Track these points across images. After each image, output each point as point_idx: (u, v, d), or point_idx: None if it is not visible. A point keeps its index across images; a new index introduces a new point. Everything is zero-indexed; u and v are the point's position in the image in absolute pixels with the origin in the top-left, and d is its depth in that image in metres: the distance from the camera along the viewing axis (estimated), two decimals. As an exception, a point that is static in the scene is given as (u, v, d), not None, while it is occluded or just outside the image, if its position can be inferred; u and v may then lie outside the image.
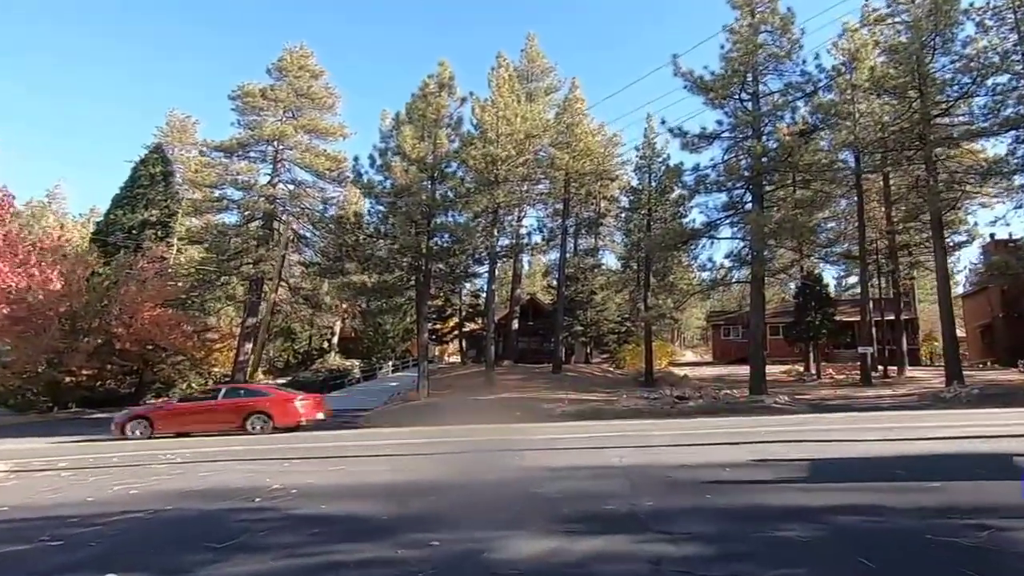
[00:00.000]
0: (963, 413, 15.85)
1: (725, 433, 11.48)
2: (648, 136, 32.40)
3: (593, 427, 15.40)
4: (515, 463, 8.51)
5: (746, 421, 14.96)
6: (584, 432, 13.54)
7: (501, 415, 20.75)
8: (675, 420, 17.01)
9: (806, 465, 7.06)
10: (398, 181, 25.40)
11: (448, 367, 37.14)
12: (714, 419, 16.57)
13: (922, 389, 24.86)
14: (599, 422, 17.04)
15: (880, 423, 12.84)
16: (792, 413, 18.92)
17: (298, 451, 11.40)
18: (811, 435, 10.43)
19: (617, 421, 17.09)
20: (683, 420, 16.88)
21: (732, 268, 24.60)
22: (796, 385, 28.76)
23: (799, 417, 16.69)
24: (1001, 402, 19.78)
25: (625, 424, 15.94)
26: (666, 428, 13.57)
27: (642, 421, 16.87)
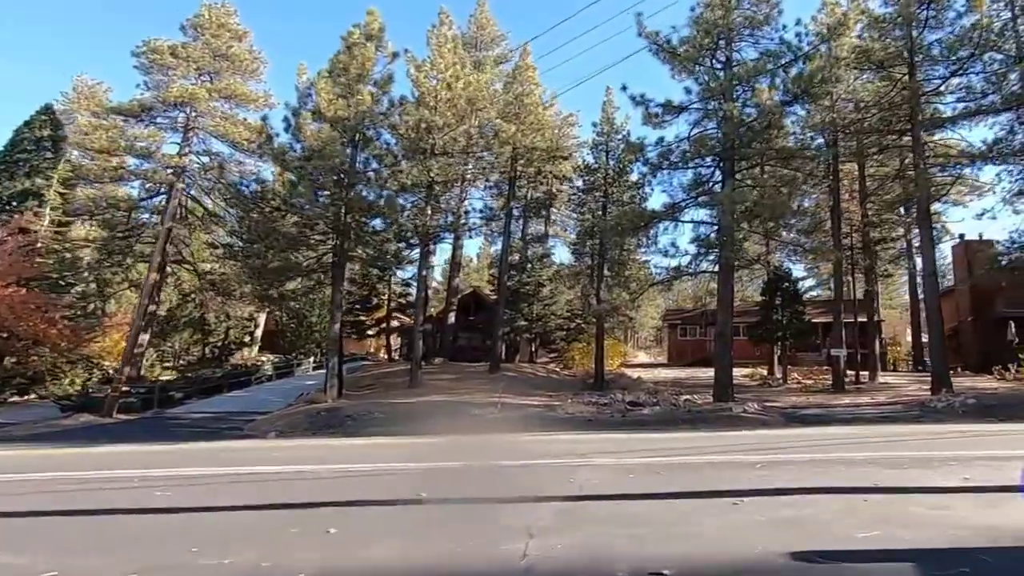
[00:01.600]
0: (983, 430, 12.71)
1: (704, 467, 7.86)
2: (607, 111, 29.02)
3: (520, 446, 11.68)
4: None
5: (719, 440, 11.47)
6: (505, 454, 9.80)
7: (417, 423, 16.97)
8: (627, 434, 13.44)
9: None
10: (310, 144, 21.23)
11: (375, 364, 32.91)
12: (677, 434, 13.05)
13: (903, 397, 22.06)
14: (531, 435, 13.34)
15: (905, 448, 9.43)
16: (767, 426, 15.67)
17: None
18: (829, 471, 6.91)
19: (552, 437, 13.40)
20: (637, 434, 13.32)
21: (698, 255, 21.21)
22: (761, 390, 25.80)
23: (780, 433, 13.33)
24: (1005, 414, 16.94)
25: (563, 441, 12.26)
26: (616, 449, 9.95)
27: (585, 436, 13.24)
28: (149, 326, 31.51)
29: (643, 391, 23.41)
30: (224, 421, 20.08)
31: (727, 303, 21.44)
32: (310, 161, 20.63)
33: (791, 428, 14.48)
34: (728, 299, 21.51)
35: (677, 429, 14.70)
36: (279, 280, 22.37)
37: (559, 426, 16.34)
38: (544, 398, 22.25)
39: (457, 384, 24.21)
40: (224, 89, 34.63)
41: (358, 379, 27.16)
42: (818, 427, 14.61)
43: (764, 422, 16.75)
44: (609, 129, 28.40)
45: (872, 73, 24.01)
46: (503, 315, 29.04)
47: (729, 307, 21.65)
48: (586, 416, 17.91)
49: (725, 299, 21.32)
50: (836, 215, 23.64)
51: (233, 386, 28.71)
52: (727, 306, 21.51)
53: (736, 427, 15.26)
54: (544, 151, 28.47)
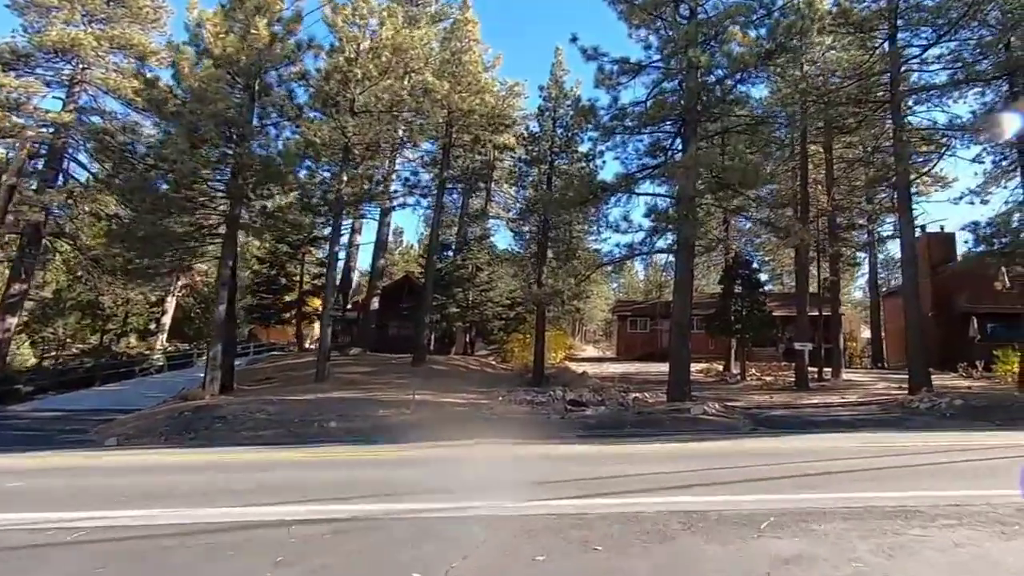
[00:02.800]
0: (999, 441, 10.11)
1: (672, 523, 4.71)
2: (555, 73, 25.88)
3: (403, 470, 8.48)
4: None
5: (682, 456, 8.51)
6: (374, 485, 6.59)
7: (303, 426, 13.59)
8: (562, 445, 10.36)
9: None
10: (192, 86, 17.38)
11: (285, 354, 28.92)
12: (626, 447, 10.03)
13: (876, 397, 19.76)
14: (437, 447, 10.14)
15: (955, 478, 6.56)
16: (734, 432, 12.90)
17: None
18: (890, 540, 3.84)
19: (457, 451, 10.24)
20: (575, 446, 10.26)
21: (654, 231, 18.28)
22: (718, 387, 23.22)
23: (756, 445, 10.49)
24: (1000, 418, 14.68)
25: (467, 461, 9.08)
26: (534, 476, 6.84)
27: (502, 447, 10.08)
28: (17, 308, 26.84)
29: (587, 388, 20.44)
30: (71, 422, 16.18)
31: (685, 287, 18.61)
32: (185, 105, 16.78)
33: (764, 437, 11.64)
34: (687, 283, 18.70)
35: (625, 436, 11.72)
36: (154, 251, 18.38)
37: (480, 431, 13.19)
38: (472, 395, 19.03)
39: (372, 378, 20.77)
40: (118, 38, 29.92)
41: (257, 371, 23.42)
42: (796, 435, 11.90)
43: (729, 427, 14.01)
44: (557, 93, 25.25)
45: (850, 39, 21.59)
46: (432, 300, 25.63)
47: (687, 292, 18.84)
48: (518, 417, 14.78)
49: (683, 283, 18.49)
50: (804, 195, 21.15)
51: (109, 378, 24.45)
52: (685, 291, 18.69)
53: (697, 433, 12.38)
54: (483, 117, 25.12)
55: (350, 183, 21.34)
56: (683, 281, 18.56)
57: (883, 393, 20.71)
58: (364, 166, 21.74)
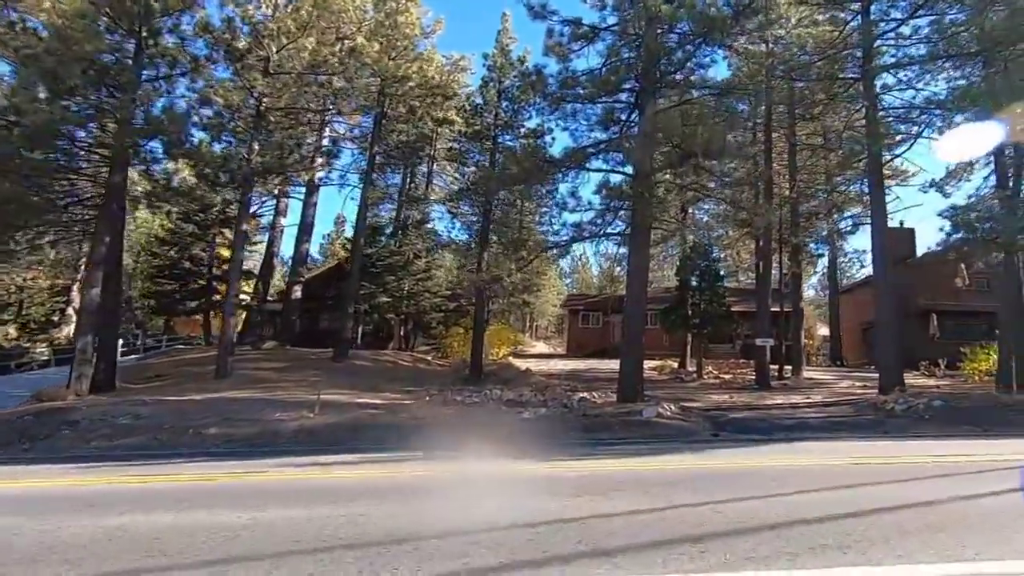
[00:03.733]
0: (992, 446, 8.36)
1: None
2: (501, 41, 23.61)
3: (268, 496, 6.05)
4: None
5: (634, 481, 6.32)
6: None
7: (176, 433, 11.07)
8: (477, 464, 8.13)
9: None
10: (52, 22, 14.47)
11: (190, 348, 25.75)
12: (560, 465, 7.81)
13: (843, 397, 18.18)
14: (314, 470, 7.83)
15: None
16: (693, 439, 10.95)
17: None
18: None
19: (343, 474, 7.95)
20: (496, 463, 8.03)
21: (606, 210, 16.20)
22: (674, 386, 21.38)
23: (724, 459, 8.47)
24: (984, 421, 13.14)
25: (338, 494, 6.80)
26: (403, 534, 4.54)
27: (407, 466, 7.85)
28: None
29: (529, 386, 18.34)
30: None
31: (640, 274, 16.63)
32: (42, 43, 13.88)
33: (731, 447, 9.66)
34: (642, 269, 16.73)
35: (566, 447, 9.52)
36: (8, 225, 15.35)
37: (390, 439, 10.91)
38: (396, 394, 16.69)
39: (283, 375, 18.18)
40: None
41: (151, 367, 20.48)
42: (767, 444, 10.04)
43: (687, 432, 12.07)
44: (503, 63, 22.97)
45: (820, 15, 19.99)
46: (359, 289, 23.01)
47: (642, 280, 16.88)
48: (439, 421, 12.49)
49: (638, 269, 16.49)
50: (767, 178, 19.48)
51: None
52: (640, 278, 16.71)
53: (651, 442, 10.38)
54: (420, 87, 22.64)
55: (261, 153, 18.61)
56: (638, 267, 16.57)
57: (849, 392, 19.19)
58: (282, 135, 19.03)
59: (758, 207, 16.40)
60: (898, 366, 17.14)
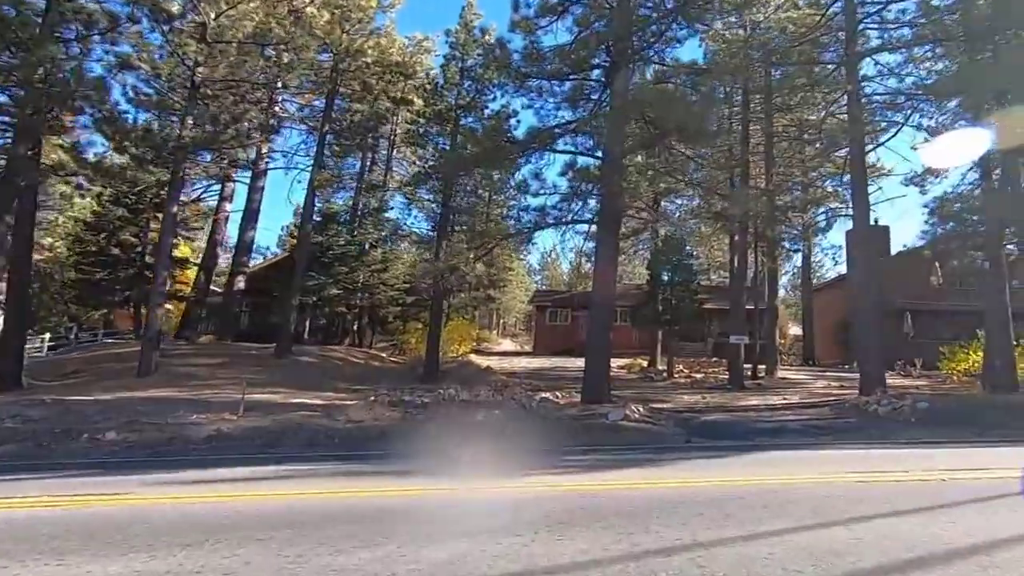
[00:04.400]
0: (1003, 457, 7.28)
1: None
2: (465, 16, 22.17)
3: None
4: None
5: (582, 504, 4.97)
6: None
7: (67, 439, 9.47)
8: (409, 481, 6.78)
9: None
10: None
11: (119, 342, 23.70)
12: (501, 487, 6.43)
13: (821, 397, 17.19)
14: (204, 491, 6.35)
15: None
16: (666, 447, 9.75)
17: None
18: None
19: (246, 492, 6.49)
20: (428, 483, 6.67)
21: (573, 195, 14.91)
22: (643, 385, 20.25)
23: (702, 475, 7.15)
24: (976, 424, 12.16)
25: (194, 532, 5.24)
26: None
27: (318, 493, 6.41)
28: None
29: (488, 386, 16.98)
30: None
31: (609, 265, 15.39)
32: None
33: (707, 456, 8.46)
34: (611, 260, 15.50)
35: (518, 457, 8.20)
36: None
37: (322, 446, 9.52)
38: (339, 394, 15.22)
39: (216, 372, 16.55)
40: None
41: (70, 362, 18.59)
42: (748, 452, 8.87)
43: (656, 437, 10.88)
44: (467, 39, 21.52)
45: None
46: (307, 280, 21.34)
47: (611, 271, 15.67)
48: (380, 425, 11.10)
49: (607, 260, 15.24)
50: (744, 163, 18.44)
51: None
52: (609, 270, 15.48)
53: (615, 450, 9.13)
54: (376, 64, 21.06)
55: (196, 127, 16.89)
56: (606, 257, 15.31)
57: (827, 393, 18.25)
58: (218, 109, 17.32)
59: (734, 193, 15.25)
60: (880, 366, 16.21)
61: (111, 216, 21.27)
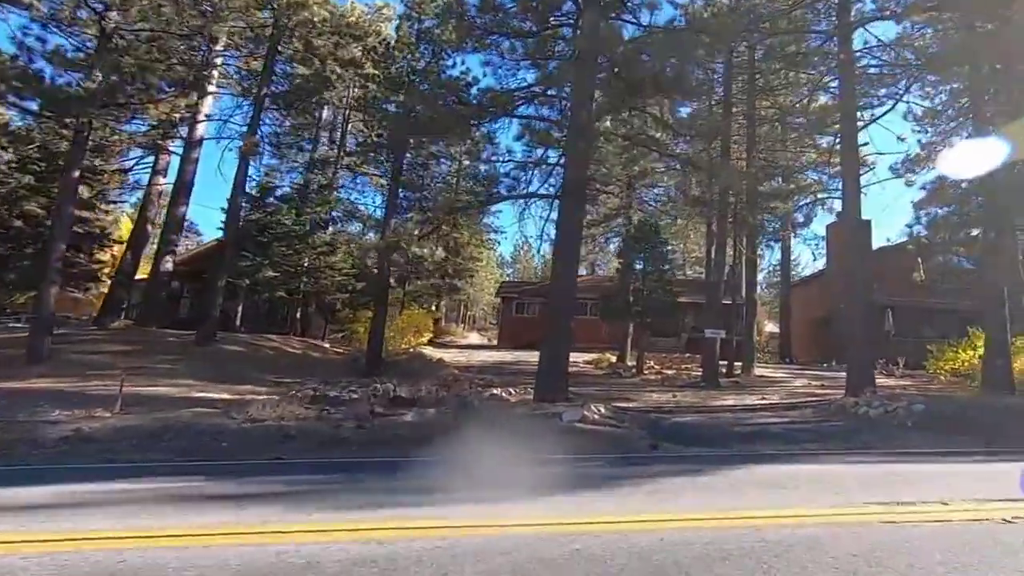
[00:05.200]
0: None
1: None
2: (422, -27, 20.09)
3: None
4: None
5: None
6: None
7: None
8: (267, 515, 4.85)
9: None
10: None
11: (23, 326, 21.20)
12: (383, 526, 4.49)
13: (799, 397, 15.75)
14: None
15: None
16: (626, 456, 8.02)
17: None
18: None
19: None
20: (287, 516, 4.75)
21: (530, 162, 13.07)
22: (610, 382, 18.58)
23: (664, 497, 5.33)
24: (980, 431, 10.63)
25: None
26: None
27: (143, 532, 4.42)
28: None
29: (436, 380, 15.11)
30: None
31: (571, 246, 13.62)
32: None
33: (676, 472, 6.75)
34: (573, 239, 13.71)
35: (437, 473, 6.36)
36: None
37: (199, 452, 7.64)
38: (262, 387, 13.22)
39: (117, 361, 14.45)
40: None
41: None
42: (726, 466, 7.21)
43: (616, 442, 9.27)
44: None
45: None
46: (239, 261, 19.19)
47: (573, 253, 13.90)
48: (286, 425, 9.19)
49: (569, 239, 13.45)
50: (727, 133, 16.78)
51: None
52: (571, 252, 13.71)
53: (567, 461, 7.33)
54: (323, 22, 18.97)
55: (96, 79, 14.64)
56: (568, 233, 13.52)
57: (807, 392, 16.75)
58: (134, 60, 15.13)
59: (716, 164, 13.55)
60: (869, 365, 14.70)
61: (14, 184, 18.93)
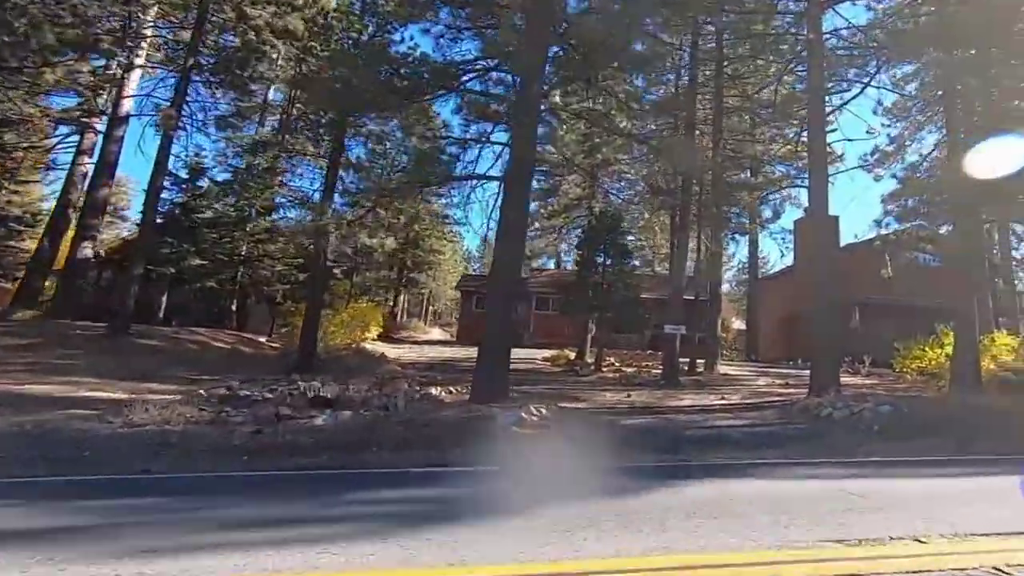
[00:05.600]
0: None
1: None
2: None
3: None
4: None
5: None
6: None
7: None
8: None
9: None
10: None
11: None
12: None
13: (765, 398, 14.91)
14: None
15: None
16: (549, 462, 6.81)
17: None
18: None
19: None
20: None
21: (469, 139, 11.88)
22: (564, 380, 17.52)
23: (558, 555, 4.13)
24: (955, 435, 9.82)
25: None
26: None
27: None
28: None
29: (374, 378, 13.88)
30: None
31: (516, 233, 12.54)
32: None
33: (602, 488, 5.57)
34: (517, 226, 12.62)
35: (321, 494, 5.19)
36: None
37: (45, 466, 6.35)
38: (171, 386, 11.85)
39: (10, 355, 12.90)
40: None
41: None
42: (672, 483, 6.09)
43: (553, 448, 8.05)
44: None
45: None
46: (157, 246, 17.67)
47: (518, 240, 12.82)
48: (170, 431, 7.93)
49: (514, 225, 12.35)
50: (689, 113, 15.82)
51: None
52: (515, 238, 12.62)
53: (491, 478, 6.22)
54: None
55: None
56: (514, 220, 12.38)
57: (770, 392, 15.93)
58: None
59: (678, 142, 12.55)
60: (836, 364, 13.87)
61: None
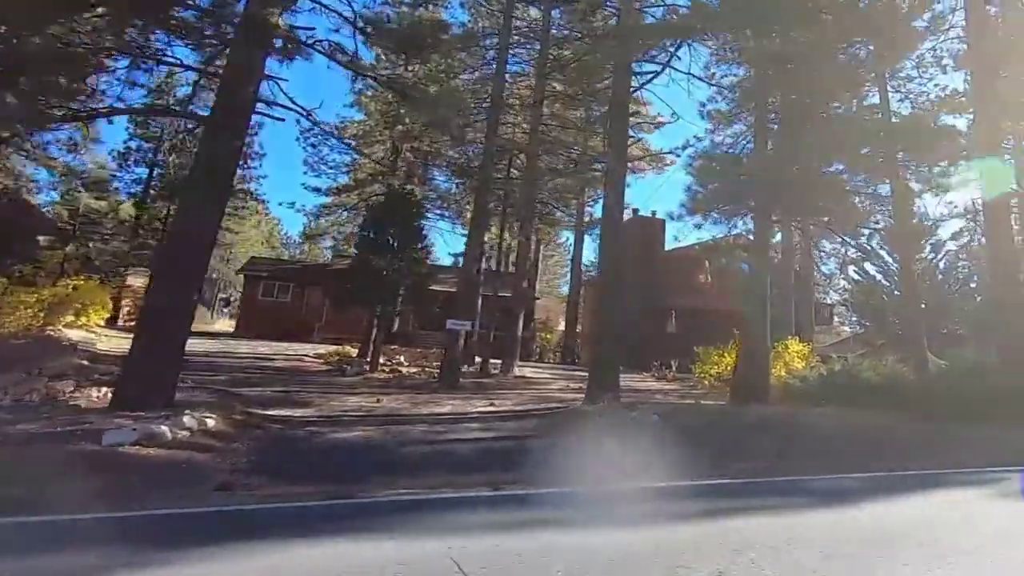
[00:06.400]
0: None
1: None
2: None
3: None
4: None
5: None
6: None
7: None
8: None
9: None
10: None
11: None
12: None
13: (545, 401, 13.14)
14: None
15: None
16: (183, 507, 3.99)
17: None
18: None
19: None
20: None
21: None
22: (318, 381, 14.77)
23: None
24: (720, 451, 8.36)
25: None
26: None
27: None
28: None
29: (26, 374, 10.35)
30: None
31: (211, 178, 9.65)
32: None
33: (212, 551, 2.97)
34: (219, 171, 9.71)
35: None
36: None
37: None
38: None
39: None
40: None
41: None
42: (313, 539, 3.53)
43: (181, 476, 5.90)
44: None
45: None
46: None
47: (212, 189, 9.95)
48: None
49: (209, 169, 9.42)
50: (496, 88, 13.80)
51: None
52: (208, 188, 9.74)
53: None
54: None
55: None
56: (210, 168, 9.44)
57: (557, 397, 14.27)
58: None
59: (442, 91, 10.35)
60: (615, 364, 12.33)
61: None
